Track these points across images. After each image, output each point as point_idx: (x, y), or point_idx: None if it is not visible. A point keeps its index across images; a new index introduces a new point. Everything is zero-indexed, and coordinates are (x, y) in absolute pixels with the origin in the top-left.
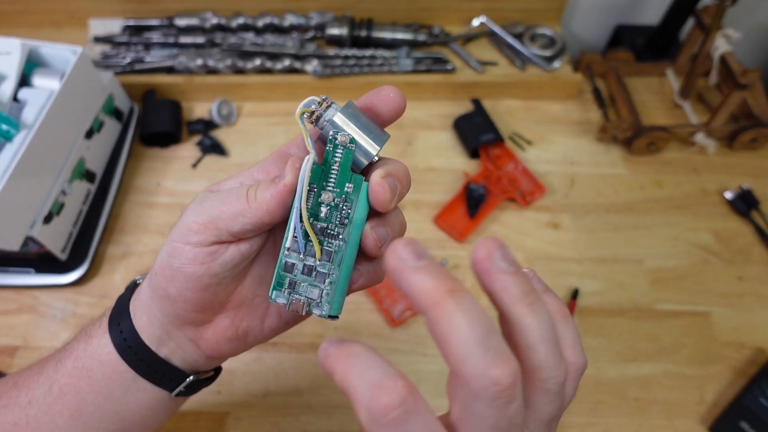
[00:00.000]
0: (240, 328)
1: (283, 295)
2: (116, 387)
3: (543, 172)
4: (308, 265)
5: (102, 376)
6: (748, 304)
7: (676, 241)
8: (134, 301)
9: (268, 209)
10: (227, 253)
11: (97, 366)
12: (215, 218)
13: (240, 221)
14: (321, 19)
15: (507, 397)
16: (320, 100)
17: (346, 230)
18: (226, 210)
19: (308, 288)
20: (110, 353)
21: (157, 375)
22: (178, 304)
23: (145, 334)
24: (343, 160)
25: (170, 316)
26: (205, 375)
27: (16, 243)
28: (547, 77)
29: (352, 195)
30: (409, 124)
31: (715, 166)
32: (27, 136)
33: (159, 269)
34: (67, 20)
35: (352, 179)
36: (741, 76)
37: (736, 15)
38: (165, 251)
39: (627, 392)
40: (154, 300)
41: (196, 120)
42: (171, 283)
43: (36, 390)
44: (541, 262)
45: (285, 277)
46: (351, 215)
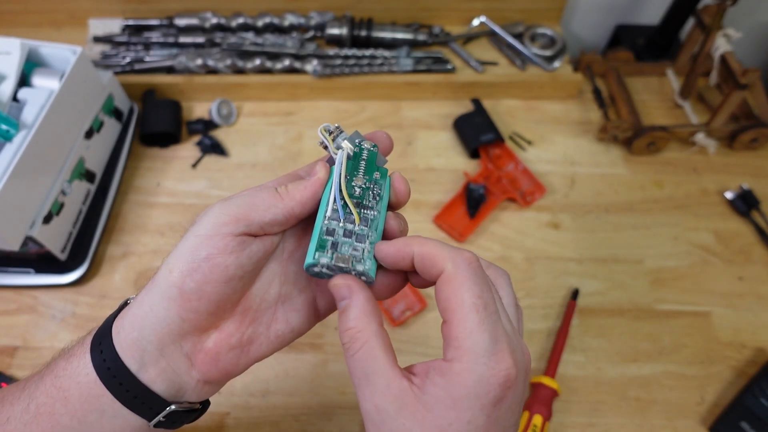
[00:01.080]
0: (245, 335)
1: (326, 255)
2: (92, 411)
3: (543, 172)
4: (348, 230)
5: (78, 399)
6: (748, 305)
7: (677, 241)
8: (122, 318)
9: (302, 199)
10: (253, 245)
11: (74, 387)
12: (247, 210)
13: (272, 212)
14: (321, 19)
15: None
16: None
17: (379, 204)
18: (258, 202)
19: (350, 247)
20: (88, 374)
21: (136, 401)
22: (192, 303)
23: (129, 352)
24: (369, 158)
25: (173, 322)
26: (189, 407)
27: (15, 243)
28: (548, 77)
29: (381, 180)
30: (409, 124)
31: (716, 166)
32: (27, 136)
33: (177, 265)
34: (66, 20)
35: (378, 170)
36: (741, 76)
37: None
38: (186, 246)
39: (627, 392)
40: (155, 307)
41: (196, 120)
42: (191, 276)
43: (16, 406)
44: (541, 262)
45: (327, 241)
46: (381, 193)
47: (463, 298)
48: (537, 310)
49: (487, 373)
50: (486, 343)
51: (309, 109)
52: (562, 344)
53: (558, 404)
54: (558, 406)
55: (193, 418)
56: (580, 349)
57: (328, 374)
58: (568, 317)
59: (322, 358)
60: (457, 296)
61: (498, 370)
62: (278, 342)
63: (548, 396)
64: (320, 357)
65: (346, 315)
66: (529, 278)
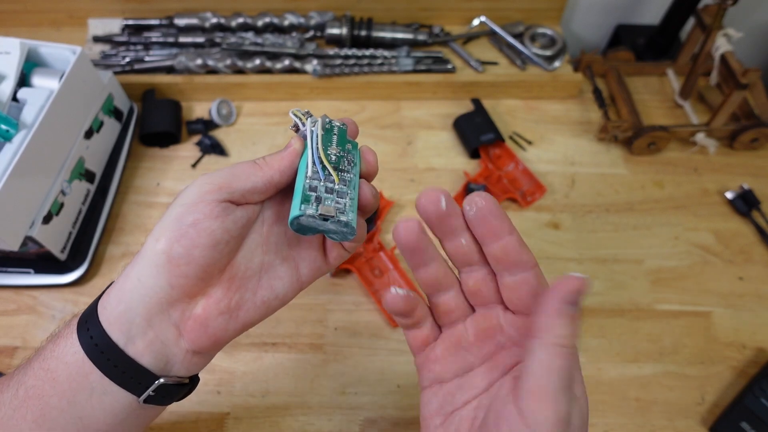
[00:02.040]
0: (233, 300)
1: (311, 206)
2: (81, 390)
3: (543, 172)
4: (329, 187)
5: (66, 379)
6: (748, 305)
7: (677, 241)
8: (107, 295)
9: (280, 168)
10: (237, 211)
11: (62, 368)
12: (230, 179)
13: (252, 180)
14: (321, 19)
15: None
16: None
17: (353, 169)
18: (239, 172)
19: (333, 201)
20: (76, 353)
21: (125, 376)
22: (181, 268)
23: (116, 327)
24: (340, 133)
25: (162, 291)
26: (178, 380)
27: (15, 243)
28: (548, 77)
29: (353, 151)
30: (409, 123)
31: (716, 166)
32: (26, 136)
33: (164, 233)
34: (66, 20)
35: (350, 142)
36: (742, 76)
37: (736, 14)
38: (172, 215)
39: (627, 392)
40: (143, 278)
41: (196, 120)
42: (178, 242)
43: (5, 393)
44: (541, 262)
45: (311, 195)
46: (355, 161)
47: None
48: None
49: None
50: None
51: (309, 108)
52: None
53: None
54: None
55: (183, 394)
56: (581, 349)
57: (328, 374)
58: None
59: (322, 358)
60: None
61: None
62: (264, 308)
63: None
64: (320, 357)
65: None
66: None
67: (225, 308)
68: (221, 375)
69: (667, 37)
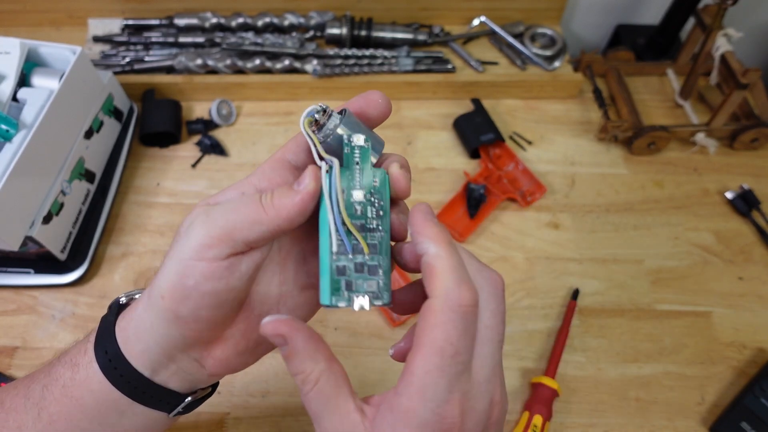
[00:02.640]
0: (251, 340)
1: (344, 297)
2: (111, 413)
3: (543, 172)
4: (358, 263)
5: (95, 404)
6: (748, 305)
7: (677, 241)
8: (124, 329)
9: (289, 216)
10: (242, 264)
11: (87, 395)
12: (230, 230)
13: (257, 229)
14: (321, 19)
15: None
16: (321, 109)
17: (383, 221)
18: (241, 219)
19: (365, 284)
20: (101, 381)
21: (153, 399)
22: (189, 324)
23: (139, 361)
24: (362, 159)
25: (177, 338)
26: (203, 393)
27: (15, 243)
28: (548, 77)
29: (380, 188)
30: (409, 123)
31: (716, 166)
32: (26, 136)
33: (167, 291)
34: (66, 20)
35: (375, 174)
36: (742, 76)
37: (736, 14)
38: (173, 271)
39: (627, 392)
40: (155, 325)
41: (196, 120)
42: (183, 304)
43: (24, 415)
44: (541, 262)
45: (340, 281)
46: (384, 204)
47: (435, 337)
48: (537, 310)
49: (432, 419)
50: (439, 390)
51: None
52: (562, 344)
53: (558, 404)
54: (558, 406)
55: (206, 399)
56: (581, 349)
57: None
58: (568, 317)
59: None
60: (429, 331)
61: (443, 419)
62: None
63: (548, 396)
64: None
65: (291, 362)
66: (529, 278)
67: (244, 349)
68: None
69: (667, 37)
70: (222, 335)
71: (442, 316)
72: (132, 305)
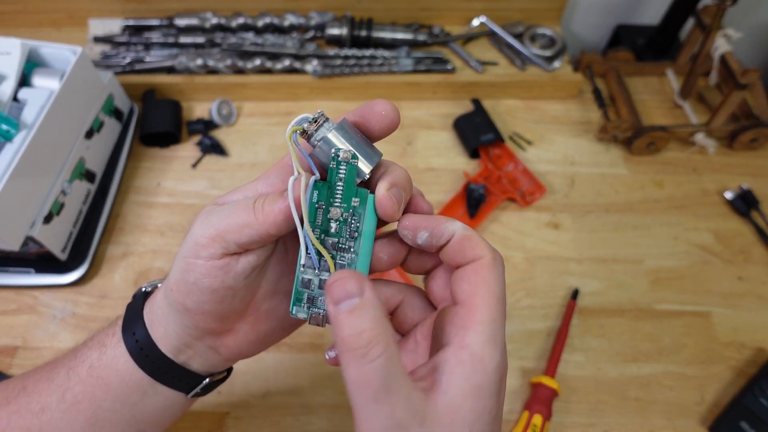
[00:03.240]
0: (261, 332)
1: (303, 310)
2: (133, 393)
3: (543, 172)
4: (323, 280)
5: (119, 384)
6: (748, 305)
7: (677, 241)
8: (148, 313)
9: (275, 222)
10: (238, 265)
11: (113, 375)
12: (222, 231)
13: (246, 233)
14: (321, 19)
15: None
16: (313, 117)
17: (356, 243)
18: (233, 222)
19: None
20: (126, 362)
21: (175, 379)
22: (198, 316)
23: (161, 343)
24: (347, 176)
25: (189, 327)
26: (220, 376)
27: (16, 243)
28: (548, 77)
29: (359, 209)
30: (409, 123)
31: (716, 166)
32: (27, 136)
33: (174, 285)
34: (66, 20)
35: (357, 193)
36: (741, 76)
37: (736, 15)
38: (178, 267)
39: (627, 392)
40: (170, 314)
41: (196, 120)
42: (188, 297)
43: (48, 397)
44: (541, 262)
45: (303, 293)
46: (360, 228)
47: (495, 289)
48: (537, 310)
49: (501, 362)
50: (502, 335)
51: (309, 109)
52: (562, 344)
53: (558, 404)
54: (558, 406)
55: (223, 381)
56: (580, 349)
57: (328, 374)
58: (568, 317)
59: (322, 358)
60: (489, 284)
61: (504, 359)
62: (293, 328)
63: (548, 396)
64: (320, 357)
65: (360, 315)
66: (529, 278)
67: (254, 339)
68: None
69: (667, 37)
70: (233, 327)
71: (495, 272)
72: (154, 293)
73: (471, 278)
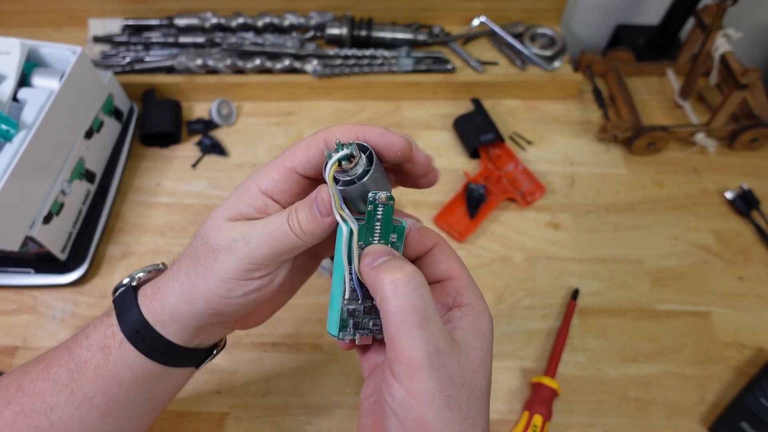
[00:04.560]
0: (275, 305)
1: (350, 333)
2: (147, 381)
3: (543, 172)
4: (367, 306)
5: (132, 378)
6: (748, 305)
7: (677, 241)
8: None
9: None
10: (281, 273)
11: (124, 371)
12: (273, 257)
13: (294, 252)
14: (321, 19)
15: None
16: (348, 154)
17: None
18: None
19: (371, 322)
20: (137, 358)
21: (187, 360)
22: (232, 316)
23: (176, 338)
24: (384, 217)
25: (215, 323)
26: (223, 342)
27: (15, 243)
28: (548, 77)
29: (397, 243)
30: (409, 123)
31: (716, 166)
32: (26, 136)
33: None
34: (66, 20)
35: (395, 230)
36: (741, 76)
37: (736, 15)
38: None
39: (627, 392)
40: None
41: (196, 120)
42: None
43: (53, 397)
44: (541, 262)
45: (348, 321)
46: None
47: (460, 261)
48: (537, 310)
49: (489, 313)
50: (480, 292)
51: (309, 109)
52: (562, 344)
53: (558, 404)
54: (558, 406)
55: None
56: (581, 349)
57: (328, 374)
58: (568, 317)
59: (322, 358)
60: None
61: (489, 310)
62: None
63: (548, 396)
64: (320, 357)
65: (397, 260)
66: (529, 278)
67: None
68: (221, 375)
69: (667, 37)
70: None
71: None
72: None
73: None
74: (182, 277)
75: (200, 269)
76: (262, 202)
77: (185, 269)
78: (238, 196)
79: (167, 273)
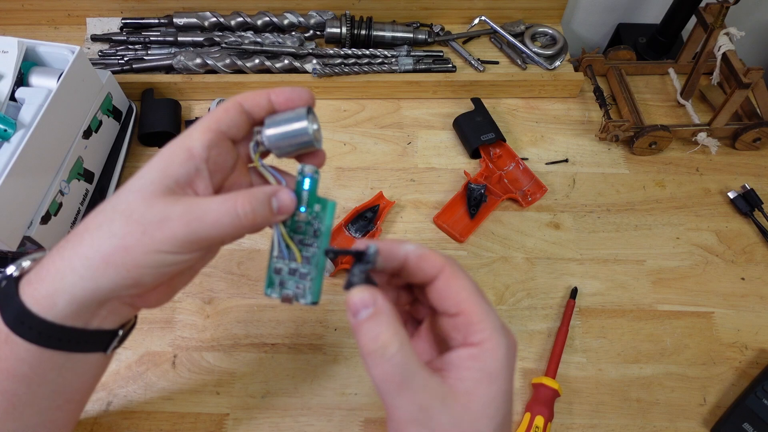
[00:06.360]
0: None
1: (276, 291)
2: (48, 372)
3: (544, 172)
4: (292, 268)
5: (30, 371)
6: (750, 305)
7: (678, 242)
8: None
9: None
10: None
11: (19, 365)
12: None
13: (235, 235)
14: (320, 18)
15: None
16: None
17: (318, 240)
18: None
19: (294, 284)
20: (29, 349)
21: (90, 344)
22: (145, 287)
23: (71, 320)
24: (311, 189)
25: (121, 298)
26: (129, 324)
27: (13, 243)
28: (549, 76)
29: (321, 213)
30: (410, 123)
31: (718, 166)
32: (24, 136)
33: (134, 269)
34: (64, 19)
35: (319, 201)
36: (744, 75)
37: (738, 13)
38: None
39: (629, 393)
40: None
41: (195, 119)
42: (148, 277)
43: None
44: (542, 263)
45: (275, 278)
46: (321, 228)
47: (471, 290)
48: (537, 310)
49: (509, 343)
50: (498, 320)
51: None
52: (561, 343)
53: (559, 405)
54: (559, 407)
55: (133, 328)
56: (582, 349)
57: (328, 374)
58: (567, 316)
59: (322, 358)
60: (465, 289)
61: (511, 338)
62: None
63: (549, 397)
64: (320, 357)
65: (377, 321)
66: (529, 278)
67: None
68: (221, 375)
69: (669, 36)
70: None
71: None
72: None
73: (447, 290)
74: (87, 251)
75: (118, 242)
76: (194, 167)
77: (89, 243)
78: (165, 163)
79: (56, 253)
